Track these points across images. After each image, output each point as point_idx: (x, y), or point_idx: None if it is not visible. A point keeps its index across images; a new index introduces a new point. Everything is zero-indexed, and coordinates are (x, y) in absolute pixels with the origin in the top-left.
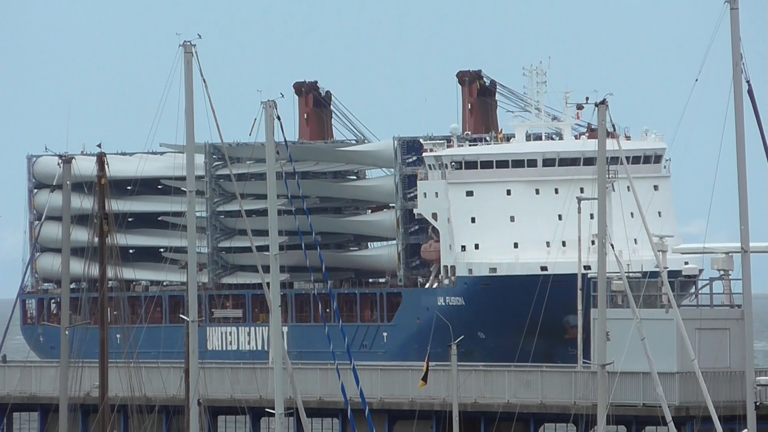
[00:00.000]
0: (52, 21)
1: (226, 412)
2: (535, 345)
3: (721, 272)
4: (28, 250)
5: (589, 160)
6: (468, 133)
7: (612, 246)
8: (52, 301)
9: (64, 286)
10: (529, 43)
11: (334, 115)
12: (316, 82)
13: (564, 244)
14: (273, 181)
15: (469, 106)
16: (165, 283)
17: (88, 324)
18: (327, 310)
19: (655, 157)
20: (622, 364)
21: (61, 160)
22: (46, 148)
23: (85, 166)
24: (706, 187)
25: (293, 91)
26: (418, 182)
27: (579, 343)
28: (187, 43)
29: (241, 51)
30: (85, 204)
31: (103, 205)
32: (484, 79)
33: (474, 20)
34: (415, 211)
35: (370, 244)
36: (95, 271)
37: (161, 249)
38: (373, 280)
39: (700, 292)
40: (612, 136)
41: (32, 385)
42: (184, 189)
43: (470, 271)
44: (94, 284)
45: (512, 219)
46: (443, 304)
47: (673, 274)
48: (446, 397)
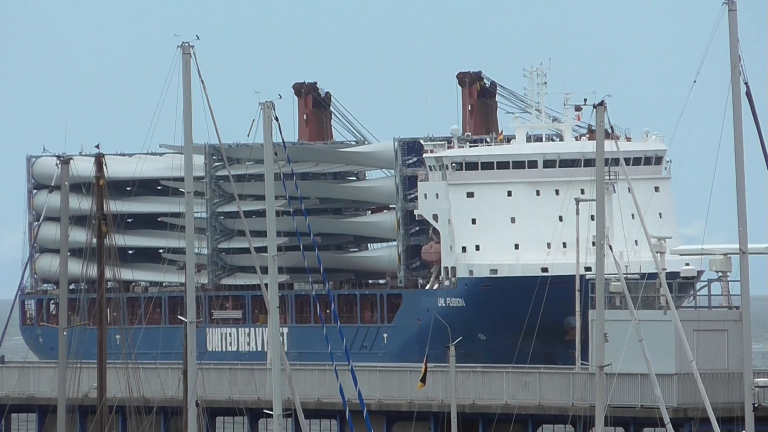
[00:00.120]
0: (52, 22)
1: (225, 413)
2: (536, 346)
3: (720, 274)
4: (27, 251)
5: (590, 162)
6: (468, 135)
7: (611, 247)
8: (51, 301)
9: (62, 287)
10: (530, 45)
11: (333, 116)
12: (316, 83)
13: (564, 245)
14: (271, 182)
15: (470, 108)
16: (164, 284)
17: (86, 325)
18: (327, 311)
19: (656, 159)
20: (620, 366)
21: (59, 161)
22: (45, 149)
23: (84, 167)
24: (705, 188)
25: (293, 91)
26: (419, 183)
27: (577, 345)
28: (186, 44)
29: (240, 52)
30: (84, 205)
31: (101, 206)
32: (485, 80)
33: (474, 21)
34: (416, 212)
35: (370, 245)
36: (94, 272)
37: (160, 250)
38: (373, 282)
39: (699, 293)
40: (611, 137)
41: (30, 386)
42: (183, 190)
43: (471, 272)
44: (93, 285)
45: (513, 220)
46: (444, 305)
47: (672, 276)
48: (444, 398)
